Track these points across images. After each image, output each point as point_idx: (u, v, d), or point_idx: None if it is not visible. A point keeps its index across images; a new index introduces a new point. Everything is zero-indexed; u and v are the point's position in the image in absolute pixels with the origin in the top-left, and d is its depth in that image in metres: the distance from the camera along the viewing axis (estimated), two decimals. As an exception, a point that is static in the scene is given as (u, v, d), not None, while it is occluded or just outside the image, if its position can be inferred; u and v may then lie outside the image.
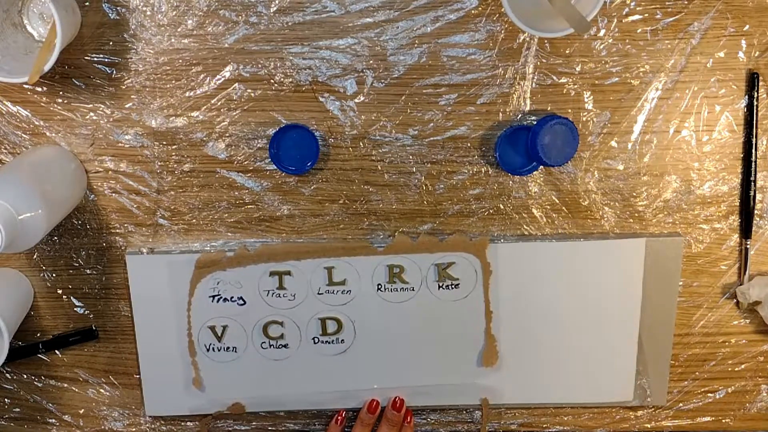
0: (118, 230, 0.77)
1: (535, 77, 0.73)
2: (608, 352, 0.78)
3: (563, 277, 0.76)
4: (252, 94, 0.74)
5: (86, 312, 0.79)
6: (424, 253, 0.75)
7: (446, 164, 0.75)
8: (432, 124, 0.74)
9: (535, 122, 0.73)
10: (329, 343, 0.78)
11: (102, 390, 0.81)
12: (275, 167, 0.75)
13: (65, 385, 0.81)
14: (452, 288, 0.76)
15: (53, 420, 0.82)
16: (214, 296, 0.77)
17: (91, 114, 0.74)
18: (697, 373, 0.81)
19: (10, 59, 0.68)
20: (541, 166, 0.74)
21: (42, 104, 0.74)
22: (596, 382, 0.79)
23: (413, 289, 0.76)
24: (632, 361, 0.78)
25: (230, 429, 0.82)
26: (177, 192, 0.76)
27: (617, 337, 0.78)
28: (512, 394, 0.80)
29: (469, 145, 0.75)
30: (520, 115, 0.74)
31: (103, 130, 0.74)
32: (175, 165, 0.75)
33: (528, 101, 0.74)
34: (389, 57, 0.73)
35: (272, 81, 0.73)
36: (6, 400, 0.82)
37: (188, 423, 0.82)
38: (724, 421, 0.82)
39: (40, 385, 0.81)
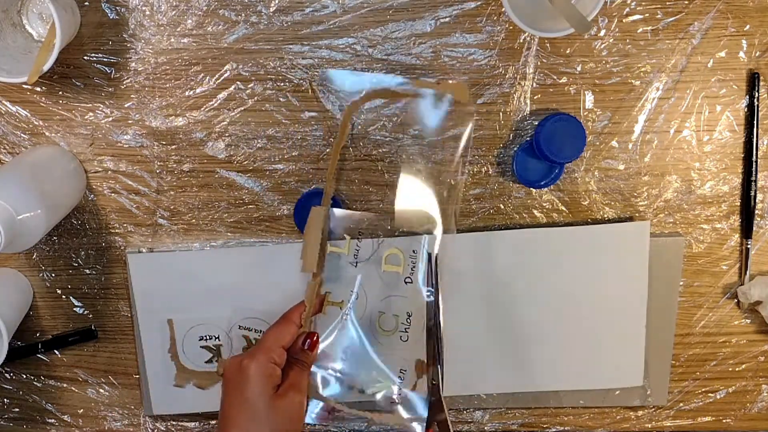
0: (117, 230, 0.77)
1: (536, 77, 0.73)
2: (617, 336, 0.78)
3: (569, 263, 0.76)
4: (252, 94, 0.73)
5: (85, 312, 0.79)
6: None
7: (446, 164, 0.75)
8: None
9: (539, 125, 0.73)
10: None
11: (101, 390, 0.81)
12: (275, 167, 0.75)
13: (65, 385, 0.81)
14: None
15: (53, 420, 0.82)
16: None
17: (91, 114, 0.74)
18: (697, 373, 0.81)
19: (9, 59, 0.68)
20: (558, 181, 0.75)
21: (41, 104, 0.74)
22: (607, 367, 0.79)
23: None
24: (641, 344, 0.78)
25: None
26: (176, 192, 0.76)
27: (625, 321, 0.77)
28: (521, 383, 0.80)
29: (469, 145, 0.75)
30: (520, 115, 0.74)
31: (103, 130, 0.74)
32: (175, 165, 0.75)
33: (528, 101, 0.74)
34: (389, 56, 0.73)
35: (272, 80, 0.73)
36: (5, 400, 0.82)
37: (187, 423, 0.82)
38: (724, 421, 0.82)
39: (39, 385, 0.81)
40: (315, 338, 0.71)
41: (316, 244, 0.72)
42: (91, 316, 0.80)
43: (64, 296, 0.79)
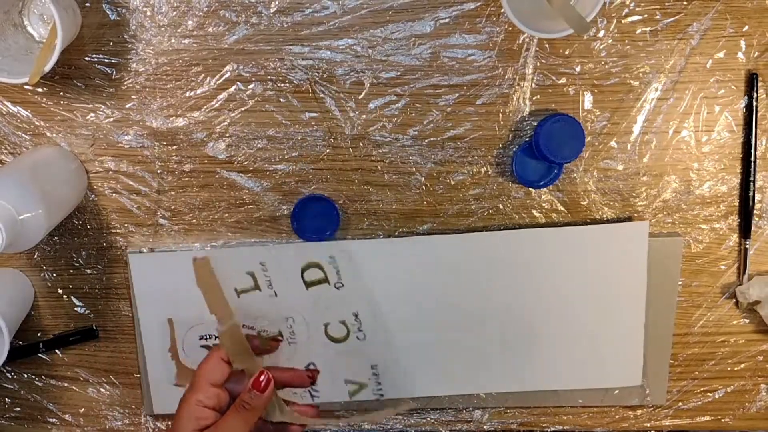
0: (118, 230, 0.77)
1: (535, 78, 0.73)
2: (616, 335, 0.78)
3: (568, 263, 0.76)
4: (252, 95, 0.74)
5: (86, 311, 0.80)
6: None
7: (446, 164, 0.76)
8: (432, 124, 0.74)
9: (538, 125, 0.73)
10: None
11: (102, 389, 0.81)
12: (275, 168, 0.75)
13: (66, 384, 0.81)
14: None
15: (54, 419, 0.82)
16: None
17: (92, 114, 0.74)
18: (696, 373, 0.81)
19: (10, 60, 0.68)
20: (557, 181, 0.75)
21: (42, 105, 0.74)
22: (606, 366, 0.79)
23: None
24: (640, 343, 0.78)
25: (230, 428, 0.82)
26: (177, 192, 0.76)
27: (624, 321, 0.78)
28: (521, 382, 0.80)
29: (468, 145, 0.75)
30: (520, 116, 0.74)
31: (104, 131, 0.75)
32: (176, 165, 0.76)
33: (528, 102, 0.74)
34: (389, 57, 0.73)
35: (272, 81, 0.73)
36: (6, 399, 0.82)
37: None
38: (723, 420, 0.82)
39: (40, 384, 0.81)
40: (263, 378, 0.63)
41: (218, 292, 0.68)
42: (92, 315, 0.80)
43: (65, 296, 0.79)
